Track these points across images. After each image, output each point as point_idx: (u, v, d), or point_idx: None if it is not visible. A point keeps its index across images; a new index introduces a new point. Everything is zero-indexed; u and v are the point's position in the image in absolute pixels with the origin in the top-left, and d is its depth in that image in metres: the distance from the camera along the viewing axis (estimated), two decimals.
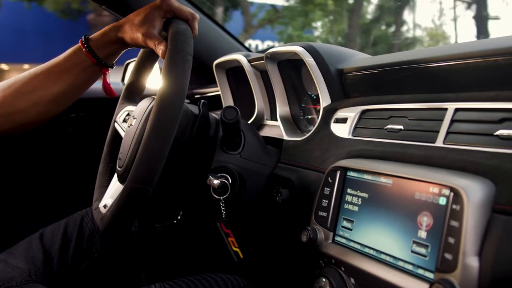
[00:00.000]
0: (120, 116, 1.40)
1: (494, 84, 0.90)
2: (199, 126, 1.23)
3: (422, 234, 0.79)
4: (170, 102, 0.97)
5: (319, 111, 1.30)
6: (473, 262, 0.70)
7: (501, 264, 0.68)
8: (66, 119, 2.19)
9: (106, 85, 1.29)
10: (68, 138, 2.24)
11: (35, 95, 1.16)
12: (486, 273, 0.69)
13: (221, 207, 1.24)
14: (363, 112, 1.16)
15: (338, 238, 0.97)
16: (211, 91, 2.14)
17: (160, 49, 1.09)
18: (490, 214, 0.73)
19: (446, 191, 0.76)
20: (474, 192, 0.73)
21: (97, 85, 1.30)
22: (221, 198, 1.21)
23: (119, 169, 1.16)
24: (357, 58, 1.32)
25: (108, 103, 1.65)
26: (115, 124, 1.41)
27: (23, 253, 1.34)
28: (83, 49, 1.16)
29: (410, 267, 0.80)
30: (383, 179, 0.90)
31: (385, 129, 1.05)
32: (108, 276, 1.50)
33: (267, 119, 1.63)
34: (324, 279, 0.94)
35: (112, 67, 1.24)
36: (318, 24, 17.14)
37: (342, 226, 0.97)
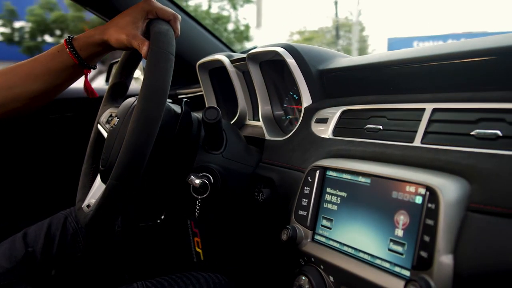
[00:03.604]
0: (103, 117, 1.41)
1: (470, 85, 0.91)
2: (181, 125, 1.23)
3: (399, 232, 0.80)
4: (152, 101, 0.97)
5: (300, 111, 1.31)
6: (448, 259, 0.71)
7: (475, 261, 0.70)
8: (51, 119, 2.19)
9: (87, 86, 1.29)
10: (53, 138, 2.24)
11: (15, 92, 1.16)
12: (460, 271, 0.71)
13: (197, 206, 1.24)
14: (344, 112, 1.17)
15: (317, 237, 0.98)
16: (194, 91, 2.14)
17: (143, 49, 1.10)
18: (465, 213, 0.74)
19: (422, 190, 0.77)
20: (449, 191, 0.74)
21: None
22: (199, 197, 1.22)
23: (102, 168, 1.16)
24: (338, 59, 1.33)
25: (94, 104, 1.65)
26: (98, 125, 1.41)
27: (6, 252, 1.34)
28: (67, 49, 1.16)
29: (387, 265, 0.81)
30: (361, 179, 0.91)
31: (365, 129, 1.06)
32: (92, 275, 1.50)
33: (249, 119, 1.64)
34: (303, 277, 0.95)
35: (94, 68, 1.24)
36: None
37: (322, 225, 0.98)
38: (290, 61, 1.30)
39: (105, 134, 1.33)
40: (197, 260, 1.25)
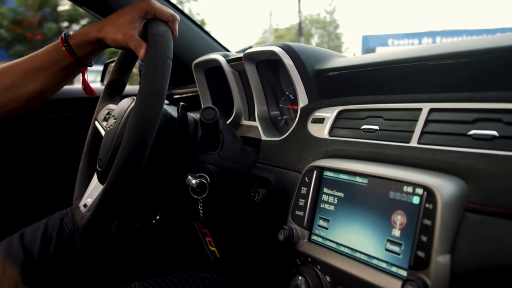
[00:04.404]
0: (100, 114, 1.40)
1: (467, 85, 0.91)
2: (178, 129, 1.23)
3: (396, 232, 0.80)
4: (148, 107, 0.96)
5: (297, 111, 1.31)
6: (445, 259, 0.71)
7: (471, 261, 0.70)
8: (48, 119, 2.18)
9: (85, 84, 1.29)
10: (50, 138, 2.23)
11: (14, 92, 1.15)
12: (457, 271, 0.71)
13: (199, 207, 1.24)
14: (340, 112, 1.17)
15: (314, 237, 0.98)
16: (190, 91, 2.14)
17: (140, 52, 1.09)
18: (462, 213, 0.74)
19: (420, 190, 0.78)
20: (446, 191, 0.74)
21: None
22: (199, 198, 1.22)
23: (99, 169, 1.16)
24: (335, 59, 1.33)
25: (90, 104, 1.65)
26: (96, 122, 1.41)
27: (3, 253, 1.34)
28: (63, 48, 1.16)
29: (384, 265, 0.81)
30: (358, 179, 0.91)
31: (361, 129, 1.06)
32: (88, 275, 1.49)
33: (245, 120, 1.64)
34: (300, 277, 0.95)
35: (90, 66, 1.23)
36: None
37: (318, 225, 0.98)
38: (287, 61, 1.30)
39: (102, 132, 1.33)
40: (214, 258, 1.25)
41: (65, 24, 17.52)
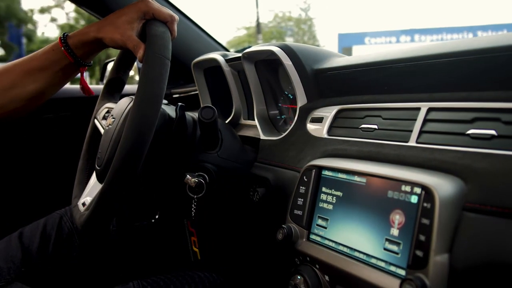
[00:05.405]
0: (100, 112, 1.40)
1: (466, 85, 0.91)
2: (176, 129, 1.23)
3: (394, 232, 0.80)
4: (146, 107, 0.96)
5: (295, 110, 1.31)
6: (443, 259, 0.71)
7: (470, 260, 0.70)
8: (46, 118, 2.18)
9: (84, 84, 1.29)
10: (48, 138, 2.23)
11: (13, 92, 1.15)
12: (455, 270, 0.71)
13: (193, 205, 1.24)
14: (339, 111, 1.17)
15: (313, 236, 0.98)
16: (189, 91, 2.14)
17: (138, 53, 1.09)
18: (460, 212, 0.74)
19: (418, 190, 0.78)
20: (445, 191, 0.74)
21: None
22: (195, 196, 1.22)
23: (97, 168, 1.16)
24: (333, 58, 1.33)
25: (89, 103, 1.65)
26: (95, 120, 1.41)
27: (2, 252, 1.34)
28: (61, 48, 1.16)
29: (382, 264, 0.81)
30: (357, 178, 0.91)
31: (360, 128, 1.06)
32: (87, 274, 1.49)
33: (244, 119, 1.64)
34: (299, 277, 0.95)
35: (90, 65, 1.23)
36: None
37: (317, 224, 0.98)
38: (286, 60, 1.30)
39: (101, 130, 1.33)
40: (194, 259, 1.24)
41: None
